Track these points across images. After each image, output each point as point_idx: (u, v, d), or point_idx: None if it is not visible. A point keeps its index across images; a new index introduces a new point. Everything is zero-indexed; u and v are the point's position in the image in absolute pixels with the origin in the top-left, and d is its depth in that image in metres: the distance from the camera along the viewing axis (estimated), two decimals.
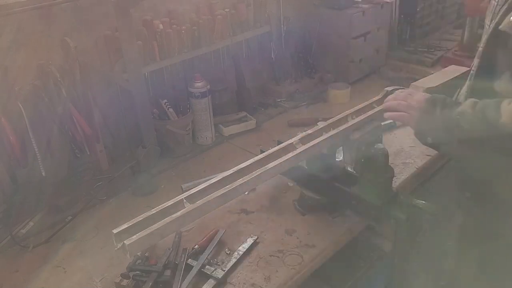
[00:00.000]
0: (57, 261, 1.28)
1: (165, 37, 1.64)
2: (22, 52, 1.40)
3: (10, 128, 1.36)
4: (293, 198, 1.44)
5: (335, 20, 2.20)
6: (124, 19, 1.45)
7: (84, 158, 1.58)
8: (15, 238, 1.33)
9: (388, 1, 2.33)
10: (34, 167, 1.42)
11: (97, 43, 1.58)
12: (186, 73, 1.78)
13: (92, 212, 1.46)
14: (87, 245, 1.34)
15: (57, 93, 1.43)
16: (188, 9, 1.78)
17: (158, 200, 1.08)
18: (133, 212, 1.07)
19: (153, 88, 1.68)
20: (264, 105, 2.12)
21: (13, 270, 1.26)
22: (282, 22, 2.08)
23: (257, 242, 1.29)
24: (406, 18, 2.48)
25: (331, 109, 2.01)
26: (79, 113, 1.50)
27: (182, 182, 1.55)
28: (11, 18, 1.32)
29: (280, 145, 1.29)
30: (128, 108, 1.66)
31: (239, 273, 1.20)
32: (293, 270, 1.20)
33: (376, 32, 2.32)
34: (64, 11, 1.46)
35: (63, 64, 1.47)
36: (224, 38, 1.82)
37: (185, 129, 1.75)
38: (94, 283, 1.19)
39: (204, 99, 1.77)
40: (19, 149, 1.39)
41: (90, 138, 1.55)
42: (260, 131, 1.94)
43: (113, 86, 1.64)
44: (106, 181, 1.56)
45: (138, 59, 1.54)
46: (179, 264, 1.20)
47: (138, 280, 1.15)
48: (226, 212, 1.41)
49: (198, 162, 1.75)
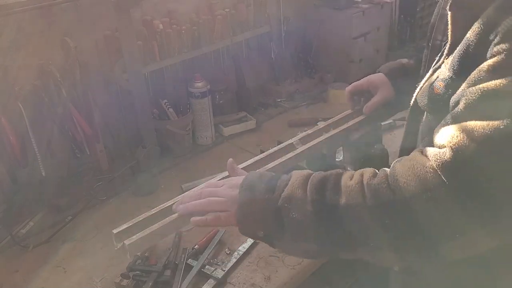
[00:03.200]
0: (57, 261, 1.28)
1: (165, 37, 1.64)
2: (22, 52, 1.39)
3: (10, 128, 1.36)
4: None
5: (335, 20, 2.20)
6: (124, 19, 1.45)
7: (84, 158, 1.58)
8: (15, 238, 1.33)
9: (388, 1, 2.33)
10: (34, 167, 1.42)
11: (97, 43, 1.58)
12: (186, 73, 1.78)
13: (92, 212, 1.46)
14: (87, 245, 1.33)
15: (57, 93, 1.43)
16: (188, 9, 1.78)
17: (158, 200, 1.08)
18: (133, 212, 1.07)
19: (153, 88, 1.68)
20: (264, 105, 2.12)
21: (13, 270, 1.26)
22: (282, 22, 2.08)
23: (257, 242, 1.29)
24: (406, 18, 2.48)
25: (331, 109, 2.01)
26: (79, 113, 1.50)
27: (182, 182, 1.55)
28: (11, 18, 1.32)
29: (280, 145, 1.29)
30: (128, 108, 1.66)
31: (239, 273, 1.20)
32: (293, 270, 1.20)
33: (376, 32, 2.32)
34: (64, 11, 1.46)
35: (63, 64, 1.46)
36: (224, 38, 1.82)
37: (185, 129, 1.75)
38: (94, 283, 1.19)
39: (204, 99, 1.77)
40: (19, 149, 1.39)
41: (90, 138, 1.55)
42: (260, 131, 1.94)
43: (113, 86, 1.64)
44: (106, 181, 1.55)
45: (138, 59, 1.54)
46: (179, 264, 1.20)
47: (138, 280, 1.16)
48: None
49: (198, 162, 1.74)
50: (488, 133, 0.66)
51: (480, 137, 0.66)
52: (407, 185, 0.71)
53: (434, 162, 0.70)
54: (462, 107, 0.72)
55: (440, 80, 0.83)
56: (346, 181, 0.78)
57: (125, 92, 1.62)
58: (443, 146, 0.71)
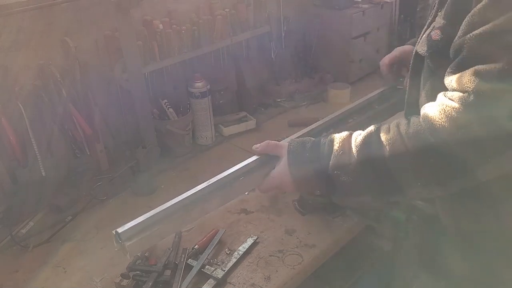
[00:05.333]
0: (57, 261, 1.28)
1: (165, 37, 1.64)
2: (22, 52, 1.39)
3: (10, 128, 1.36)
4: (293, 198, 1.43)
5: (335, 20, 2.20)
6: (124, 19, 1.45)
7: (84, 158, 1.58)
8: (15, 238, 1.33)
9: (388, 1, 2.33)
10: (34, 167, 1.42)
11: (97, 43, 1.58)
12: (186, 73, 1.78)
13: (92, 212, 1.46)
14: (87, 245, 1.33)
15: (57, 93, 1.43)
16: (188, 9, 1.78)
17: (158, 200, 1.08)
18: (133, 212, 1.07)
19: (153, 88, 1.68)
20: (264, 105, 2.12)
21: (13, 270, 1.26)
22: (282, 22, 2.08)
23: (257, 242, 1.29)
24: (406, 18, 2.48)
25: (331, 109, 2.01)
26: (79, 113, 1.50)
27: (182, 182, 1.55)
28: (11, 18, 1.32)
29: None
30: (128, 108, 1.66)
31: (239, 273, 1.20)
32: (293, 270, 1.20)
33: (376, 32, 2.32)
34: (64, 11, 1.46)
35: (63, 64, 1.47)
36: (224, 38, 1.82)
37: (185, 129, 1.75)
38: (94, 283, 1.19)
39: (204, 99, 1.77)
40: (19, 149, 1.39)
41: (90, 138, 1.55)
42: (260, 131, 1.93)
43: (113, 86, 1.64)
44: (106, 181, 1.55)
45: (138, 59, 1.54)
46: (179, 264, 1.20)
47: (138, 280, 1.15)
48: (226, 212, 1.41)
49: (198, 162, 1.74)
50: (496, 74, 0.78)
51: (491, 78, 0.79)
52: (442, 126, 0.83)
53: (461, 104, 0.82)
54: (465, 53, 0.83)
55: (437, 28, 0.94)
56: (386, 135, 0.90)
57: (125, 92, 1.62)
58: (463, 91, 0.82)
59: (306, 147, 1.01)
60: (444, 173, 0.87)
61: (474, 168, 0.84)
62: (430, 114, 0.86)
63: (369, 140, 0.92)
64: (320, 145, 0.99)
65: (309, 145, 1.01)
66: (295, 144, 1.03)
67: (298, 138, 1.07)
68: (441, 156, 0.84)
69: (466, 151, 0.82)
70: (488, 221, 1.00)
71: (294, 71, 2.26)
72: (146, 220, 0.95)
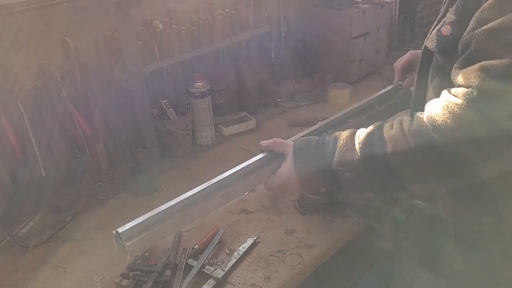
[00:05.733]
0: (57, 261, 1.28)
1: (165, 37, 1.64)
2: (22, 52, 1.39)
3: (10, 128, 1.36)
4: (293, 198, 1.44)
5: (335, 20, 2.20)
6: (124, 19, 1.45)
7: (84, 158, 1.58)
8: (15, 238, 1.33)
9: (388, 1, 2.33)
10: (34, 167, 1.42)
11: (97, 43, 1.58)
12: (186, 73, 1.78)
13: (92, 212, 1.46)
14: (87, 245, 1.33)
15: (57, 93, 1.43)
16: (188, 9, 1.78)
17: (158, 200, 1.08)
18: (133, 212, 1.07)
19: (153, 88, 1.68)
20: (264, 105, 2.12)
21: (13, 270, 1.26)
22: (282, 22, 2.08)
23: (257, 242, 1.29)
24: (406, 18, 2.48)
25: (331, 109, 2.01)
26: (79, 113, 1.50)
27: (182, 182, 1.55)
28: (11, 18, 1.32)
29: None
30: (128, 108, 1.66)
31: (239, 273, 1.20)
32: (293, 270, 1.20)
33: (376, 32, 2.32)
34: (64, 11, 1.46)
35: (63, 64, 1.47)
36: (224, 38, 1.82)
37: (185, 129, 1.75)
38: (94, 283, 1.19)
39: (204, 99, 1.77)
40: (19, 149, 1.39)
41: (90, 138, 1.55)
42: (260, 131, 1.93)
43: (113, 86, 1.64)
44: (106, 181, 1.55)
45: (138, 59, 1.54)
46: (179, 264, 1.20)
47: (138, 280, 1.15)
48: (226, 212, 1.41)
49: (198, 162, 1.74)
50: (502, 70, 0.78)
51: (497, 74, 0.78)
52: (445, 122, 0.83)
53: (464, 100, 0.81)
54: (473, 48, 0.83)
55: (447, 24, 0.94)
56: (388, 132, 0.91)
57: (125, 92, 1.62)
58: (468, 86, 0.82)
59: (311, 145, 1.02)
60: (446, 169, 0.87)
61: (475, 165, 0.85)
62: (433, 110, 0.86)
63: (372, 137, 0.93)
64: (325, 142, 1.01)
65: (314, 143, 1.02)
66: (301, 142, 1.04)
67: (303, 137, 1.08)
68: (443, 153, 0.84)
69: (468, 147, 0.83)
70: (488, 221, 1.00)
71: (294, 71, 2.26)
72: (146, 220, 0.95)
